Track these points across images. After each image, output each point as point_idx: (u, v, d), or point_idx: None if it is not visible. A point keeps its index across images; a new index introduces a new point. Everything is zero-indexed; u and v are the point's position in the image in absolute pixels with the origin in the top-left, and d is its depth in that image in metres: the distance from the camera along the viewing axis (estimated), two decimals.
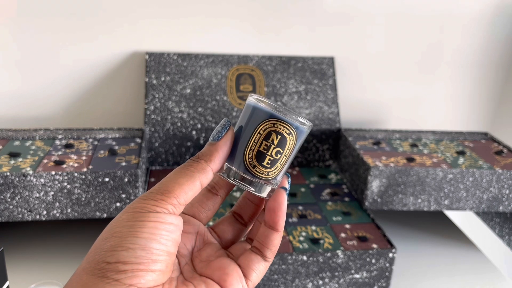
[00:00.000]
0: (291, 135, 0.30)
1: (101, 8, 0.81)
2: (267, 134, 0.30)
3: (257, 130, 0.30)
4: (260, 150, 0.30)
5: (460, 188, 0.71)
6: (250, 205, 0.34)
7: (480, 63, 0.98)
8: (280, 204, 0.30)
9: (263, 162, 0.30)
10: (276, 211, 0.30)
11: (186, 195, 0.28)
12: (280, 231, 0.30)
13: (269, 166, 0.30)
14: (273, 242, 0.30)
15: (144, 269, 0.26)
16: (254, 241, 0.31)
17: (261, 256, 0.31)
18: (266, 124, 0.30)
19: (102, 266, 0.25)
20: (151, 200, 0.27)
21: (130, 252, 0.25)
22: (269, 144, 0.30)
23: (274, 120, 0.30)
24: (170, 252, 0.27)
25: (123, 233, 0.26)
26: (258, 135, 0.30)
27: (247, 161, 0.30)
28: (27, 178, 0.60)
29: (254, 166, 0.30)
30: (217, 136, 0.30)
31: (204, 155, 0.30)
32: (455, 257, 0.76)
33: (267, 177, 0.31)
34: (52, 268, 0.66)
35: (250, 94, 0.32)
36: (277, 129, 0.30)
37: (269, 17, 0.86)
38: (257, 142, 0.30)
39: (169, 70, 0.82)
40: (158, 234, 0.26)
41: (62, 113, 0.86)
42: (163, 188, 0.28)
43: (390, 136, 0.85)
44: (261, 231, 0.31)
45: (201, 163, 0.29)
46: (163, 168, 0.82)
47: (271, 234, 0.30)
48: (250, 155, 0.30)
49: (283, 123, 0.30)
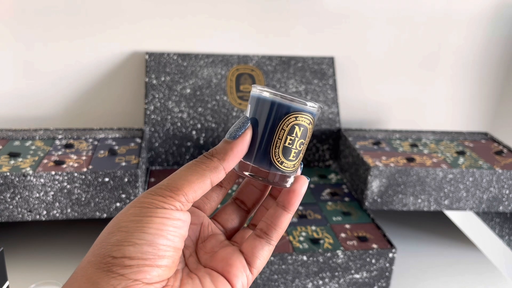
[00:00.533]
0: (310, 124, 0.30)
1: (101, 8, 0.81)
2: (291, 129, 0.29)
3: (280, 126, 0.29)
4: (285, 145, 0.30)
5: (460, 188, 0.71)
6: (254, 191, 0.33)
7: (480, 63, 0.98)
8: (301, 186, 0.30)
9: (289, 157, 0.30)
10: (296, 192, 0.30)
11: (195, 193, 0.28)
12: (292, 212, 0.31)
13: (294, 159, 0.30)
14: (282, 223, 0.30)
15: (150, 265, 0.25)
16: (261, 222, 0.31)
17: (266, 239, 0.30)
18: (289, 118, 0.29)
19: (108, 260, 0.25)
20: (159, 196, 0.27)
21: (137, 248, 0.25)
22: (293, 138, 0.30)
23: (296, 114, 0.29)
24: (177, 248, 0.27)
25: (130, 228, 0.26)
26: (282, 131, 0.29)
27: (275, 159, 0.30)
28: (27, 178, 0.60)
29: (282, 162, 0.30)
30: (235, 134, 0.30)
31: (218, 153, 0.29)
32: (455, 257, 0.76)
33: (293, 169, 0.31)
34: (52, 268, 0.66)
35: (254, 85, 0.31)
36: (300, 122, 0.30)
37: (269, 17, 0.86)
38: (282, 138, 0.30)
39: (169, 70, 0.82)
40: (166, 230, 0.26)
41: (62, 113, 0.86)
42: (172, 184, 0.27)
43: (390, 136, 0.85)
44: (271, 212, 0.31)
45: (214, 161, 0.29)
46: (163, 168, 0.82)
47: (282, 214, 0.30)
48: (277, 152, 0.30)
49: (304, 114, 0.30)
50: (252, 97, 0.31)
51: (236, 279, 0.29)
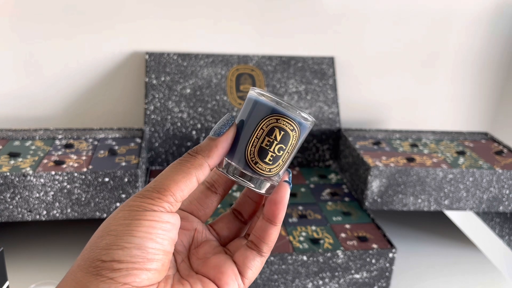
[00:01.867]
0: (294, 131, 0.29)
1: (101, 8, 0.81)
2: (270, 130, 0.29)
3: (259, 125, 0.29)
4: (262, 146, 0.29)
5: (460, 188, 0.71)
6: (250, 202, 0.33)
7: (480, 63, 0.98)
8: (282, 197, 0.29)
9: (265, 159, 0.29)
10: (277, 203, 0.29)
11: (183, 192, 0.28)
12: (278, 225, 0.30)
13: (271, 163, 0.30)
14: (270, 236, 0.30)
15: (139, 268, 0.26)
16: (251, 235, 0.31)
17: (257, 251, 0.30)
18: (269, 119, 0.29)
19: (97, 264, 0.25)
20: (147, 198, 0.27)
21: (126, 251, 0.25)
22: (272, 140, 0.29)
23: (277, 116, 0.29)
24: (166, 251, 0.27)
25: (118, 232, 0.26)
26: (261, 130, 0.29)
27: (249, 157, 0.29)
28: (27, 178, 0.60)
29: (256, 163, 0.29)
30: (219, 132, 0.30)
31: (202, 150, 0.29)
32: (455, 257, 0.76)
33: (268, 173, 0.30)
34: (52, 268, 0.66)
35: (251, 87, 0.31)
36: (281, 125, 0.29)
37: (269, 17, 0.86)
38: (260, 138, 0.29)
39: (169, 70, 0.82)
40: (154, 233, 0.26)
41: (62, 113, 0.86)
42: (158, 185, 0.27)
43: (390, 136, 0.85)
44: (259, 225, 0.30)
45: (198, 158, 0.29)
46: (163, 168, 0.82)
47: (269, 227, 0.30)
48: (252, 151, 0.29)
49: (286, 118, 0.29)
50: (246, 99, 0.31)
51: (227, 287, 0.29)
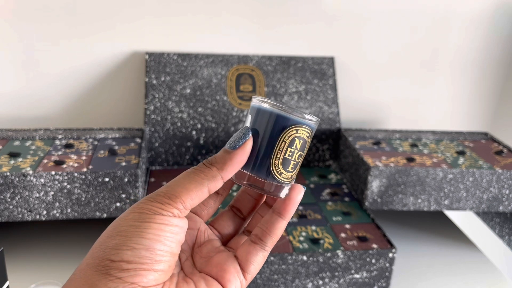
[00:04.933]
0: (309, 137, 0.31)
1: (101, 8, 0.81)
2: (292, 141, 0.30)
3: (281, 138, 0.30)
4: (285, 157, 0.31)
5: (460, 188, 0.71)
6: (250, 199, 0.34)
7: (480, 63, 0.98)
8: (297, 194, 0.31)
9: (288, 168, 0.31)
10: (292, 199, 0.31)
11: (193, 201, 0.29)
12: (287, 219, 0.31)
13: (292, 171, 0.31)
14: (276, 230, 0.31)
15: (147, 269, 0.26)
16: (256, 228, 0.32)
17: (260, 245, 0.31)
18: (291, 131, 0.30)
19: (106, 263, 0.26)
20: (157, 202, 0.28)
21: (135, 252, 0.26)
22: (293, 150, 0.31)
23: (298, 127, 0.30)
24: (173, 253, 0.28)
25: (128, 233, 0.27)
26: (283, 143, 0.30)
27: (274, 170, 0.31)
28: (27, 178, 0.60)
29: (281, 174, 0.31)
30: (235, 145, 0.30)
31: (217, 162, 0.30)
32: (455, 257, 0.76)
33: (290, 180, 0.32)
34: (52, 268, 0.66)
35: (253, 96, 0.32)
36: (300, 135, 0.31)
37: (269, 17, 0.86)
38: (282, 150, 0.30)
39: (169, 70, 0.82)
40: (163, 235, 0.27)
41: (62, 113, 0.86)
42: (170, 191, 0.28)
43: (390, 136, 0.85)
44: (266, 218, 0.31)
45: (212, 170, 0.29)
46: (163, 168, 0.82)
47: (277, 221, 0.31)
48: (277, 163, 0.31)
49: (305, 127, 0.31)
50: (252, 107, 0.32)
51: (230, 284, 0.30)
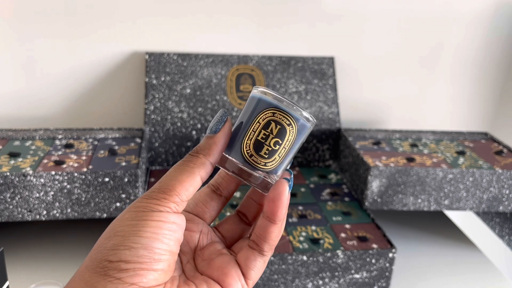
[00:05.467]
0: (291, 126, 0.30)
1: (101, 8, 0.81)
2: (266, 123, 0.30)
3: (256, 119, 0.30)
4: (258, 139, 0.30)
5: (460, 188, 0.71)
6: (254, 204, 0.34)
7: (480, 63, 0.98)
8: (280, 194, 0.28)
9: (260, 152, 0.30)
10: (276, 201, 0.28)
11: (188, 191, 0.28)
12: (278, 223, 0.29)
13: (266, 157, 0.30)
14: (270, 235, 0.29)
15: (146, 268, 0.26)
16: (252, 235, 0.31)
17: (258, 250, 0.30)
18: (266, 113, 0.30)
19: (104, 264, 0.26)
20: (153, 199, 0.27)
21: (133, 251, 0.26)
22: (268, 133, 0.30)
23: (274, 110, 0.30)
24: (172, 252, 0.27)
25: (125, 232, 0.26)
26: (257, 124, 0.30)
27: (245, 150, 0.30)
28: (27, 178, 0.60)
29: (251, 155, 0.30)
30: (215, 129, 0.30)
31: (202, 149, 0.30)
32: (455, 257, 0.76)
33: (264, 167, 0.30)
34: (52, 268, 0.66)
35: (254, 86, 0.32)
36: (277, 119, 0.30)
37: (269, 16, 0.86)
38: (256, 131, 0.30)
39: (169, 70, 0.82)
40: (161, 233, 0.27)
41: (62, 113, 0.86)
42: (164, 186, 0.28)
43: (390, 136, 0.85)
44: (259, 223, 0.30)
45: (200, 157, 0.29)
46: (163, 168, 0.82)
47: (269, 226, 0.29)
48: (248, 144, 0.30)
49: (283, 113, 0.30)
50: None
51: None
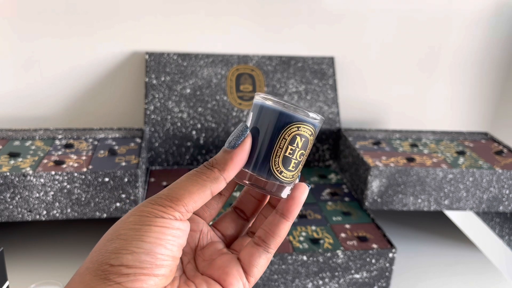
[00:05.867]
0: (312, 136, 0.30)
1: (101, 8, 0.81)
2: (292, 139, 0.29)
3: (282, 135, 0.29)
4: (286, 155, 0.30)
5: (460, 188, 0.71)
6: (253, 200, 0.33)
7: (480, 63, 0.98)
8: (301, 193, 0.30)
9: (289, 167, 0.30)
10: (295, 199, 0.30)
11: (196, 203, 0.28)
12: (291, 220, 0.30)
13: (293, 170, 0.30)
14: (280, 231, 0.30)
15: (147, 274, 0.26)
16: (259, 230, 0.31)
17: (264, 247, 0.30)
18: (291, 128, 0.29)
19: (105, 268, 0.25)
20: (159, 205, 0.27)
21: (135, 256, 0.25)
22: (294, 148, 0.30)
23: (299, 124, 0.29)
24: (175, 257, 0.27)
25: (128, 236, 0.26)
26: (284, 140, 0.29)
27: (274, 168, 0.30)
28: (27, 178, 0.60)
29: (281, 172, 0.30)
30: (234, 143, 0.29)
31: (218, 163, 0.29)
32: (455, 257, 0.76)
33: (291, 179, 0.30)
34: (52, 268, 0.66)
35: (256, 93, 0.31)
36: (302, 132, 0.29)
37: (269, 17, 0.86)
38: (283, 147, 0.29)
39: (169, 70, 0.82)
40: (164, 239, 0.26)
41: (62, 113, 0.86)
42: (172, 194, 0.28)
43: (390, 136, 0.85)
44: (270, 220, 0.30)
45: (214, 172, 0.29)
46: (163, 168, 0.82)
47: (281, 222, 0.30)
48: (277, 161, 0.30)
49: (306, 125, 0.29)
50: (254, 105, 0.31)
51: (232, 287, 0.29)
